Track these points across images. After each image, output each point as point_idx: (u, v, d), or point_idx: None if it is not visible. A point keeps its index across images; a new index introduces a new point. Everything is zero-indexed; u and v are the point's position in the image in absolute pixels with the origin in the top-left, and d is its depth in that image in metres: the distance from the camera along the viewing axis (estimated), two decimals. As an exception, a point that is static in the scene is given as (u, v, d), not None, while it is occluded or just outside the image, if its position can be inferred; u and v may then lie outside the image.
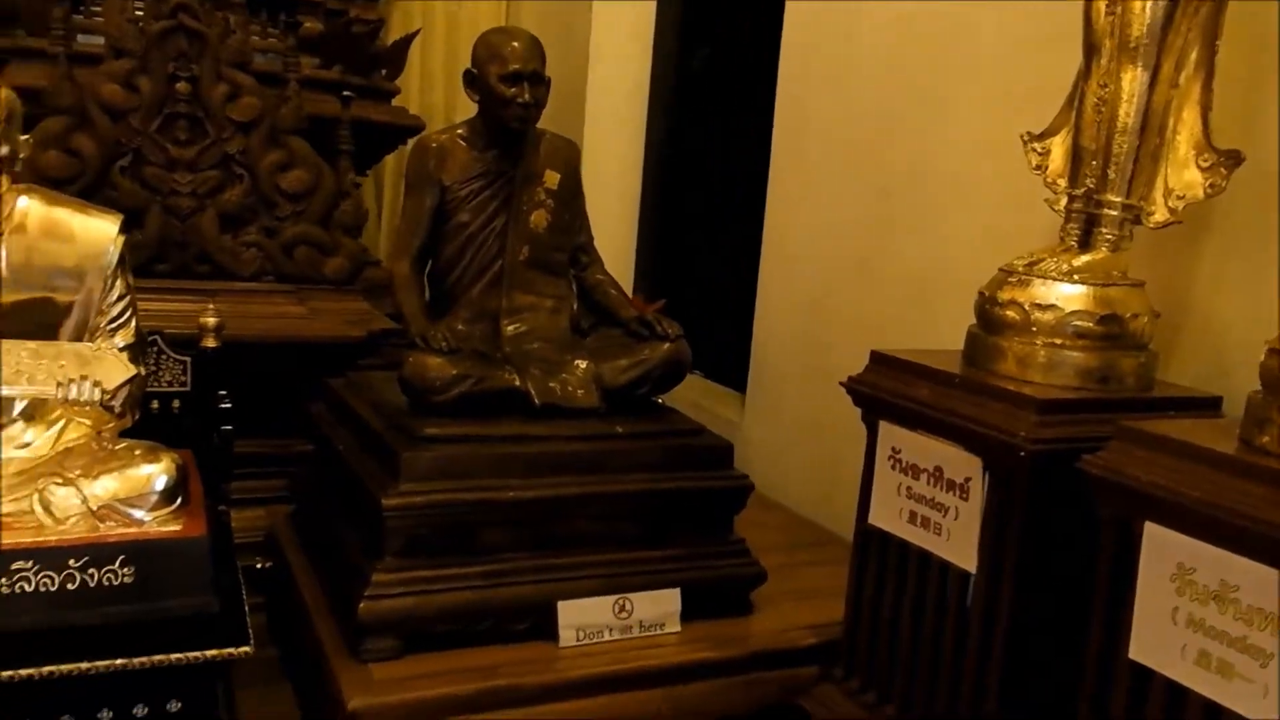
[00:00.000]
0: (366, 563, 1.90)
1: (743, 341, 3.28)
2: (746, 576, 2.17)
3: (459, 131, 2.27)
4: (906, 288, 2.59)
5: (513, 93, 2.14)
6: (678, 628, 2.05)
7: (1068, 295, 1.68)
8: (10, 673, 1.46)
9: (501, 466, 1.98)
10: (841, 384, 1.90)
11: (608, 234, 3.05)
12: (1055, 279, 1.70)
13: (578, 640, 1.96)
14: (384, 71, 3.58)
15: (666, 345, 2.20)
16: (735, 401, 3.40)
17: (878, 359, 1.88)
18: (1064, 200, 1.82)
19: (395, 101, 3.65)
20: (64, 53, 2.58)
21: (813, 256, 2.95)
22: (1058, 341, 1.67)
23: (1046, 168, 1.88)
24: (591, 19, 4.00)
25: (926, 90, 2.54)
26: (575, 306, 2.38)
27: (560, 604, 1.96)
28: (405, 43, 3.71)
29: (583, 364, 2.18)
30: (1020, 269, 1.74)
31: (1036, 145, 1.90)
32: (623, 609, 2.01)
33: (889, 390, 1.81)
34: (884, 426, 1.83)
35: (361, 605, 1.83)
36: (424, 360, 2.02)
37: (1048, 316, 1.67)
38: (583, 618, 1.97)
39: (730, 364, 3.42)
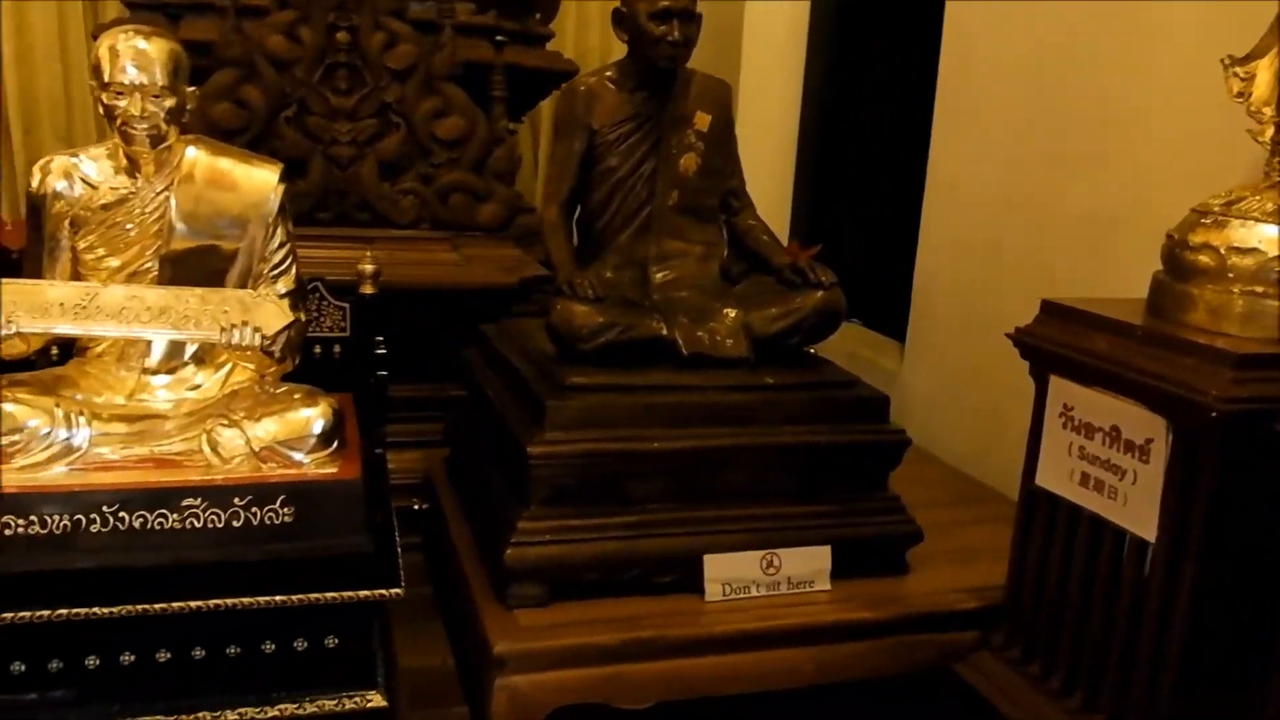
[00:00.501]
0: (513, 510, 1.91)
1: (903, 288, 3.14)
2: (901, 534, 2.09)
3: (608, 74, 2.22)
4: (1083, 231, 2.41)
5: (662, 30, 2.08)
6: (828, 586, 1.99)
7: (1272, 238, 1.51)
8: (182, 603, 1.54)
9: (647, 416, 1.95)
10: (1008, 335, 1.78)
11: (762, 177, 2.97)
12: (1258, 219, 1.53)
13: (724, 595, 1.93)
14: (538, 15, 3.55)
15: (819, 294, 2.11)
16: (894, 350, 3.28)
17: (1049, 308, 1.75)
18: (1270, 131, 1.62)
19: (550, 46, 3.63)
20: (232, 6, 2.66)
21: (980, 198, 2.79)
22: (1258, 289, 1.51)
23: (1250, 95, 1.68)
24: (748, -47, 3.87)
25: (1107, 12, 2.32)
26: (726, 253, 2.32)
27: (707, 557, 1.93)
28: (559, -14, 3.68)
29: (732, 312, 2.12)
30: (1216, 209, 1.58)
31: (1239, 70, 1.70)
32: (771, 565, 1.96)
33: (1062, 342, 1.68)
34: (1055, 381, 1.71)
35: (508, 552, 1.85)
36: (571, 308, 2.00)
37: (1247, 261, 1.51)
38: (730, 572, 1.94)
39: (889, 311, 3.29)
